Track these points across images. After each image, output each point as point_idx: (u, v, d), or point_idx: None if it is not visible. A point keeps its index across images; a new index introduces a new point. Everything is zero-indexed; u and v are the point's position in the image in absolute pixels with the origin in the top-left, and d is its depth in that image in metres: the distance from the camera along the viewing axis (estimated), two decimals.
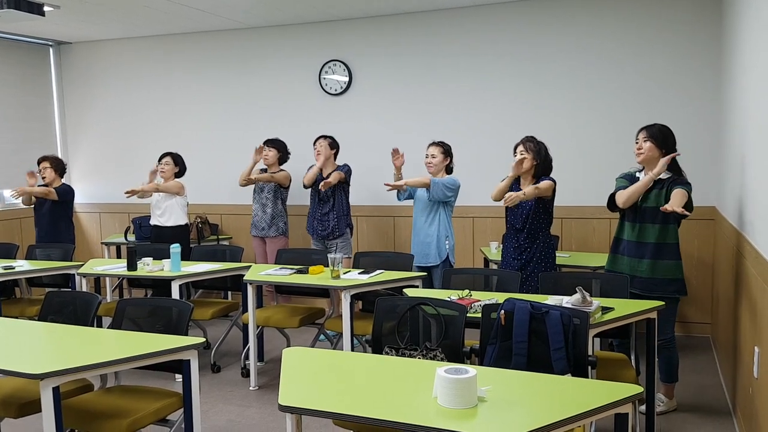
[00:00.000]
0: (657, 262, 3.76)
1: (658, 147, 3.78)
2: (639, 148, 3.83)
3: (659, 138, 3.79)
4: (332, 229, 5.57)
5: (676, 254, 3.78)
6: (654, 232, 3.76)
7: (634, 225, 3.82)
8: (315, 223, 5.66)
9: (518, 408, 2.08)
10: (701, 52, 5.42)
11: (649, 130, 3.83)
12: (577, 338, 2.75)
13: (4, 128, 7.03)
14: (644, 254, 3.79)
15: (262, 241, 6.00)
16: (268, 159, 5.90)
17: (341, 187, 5.61)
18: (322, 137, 5.69)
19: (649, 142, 3.79)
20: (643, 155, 3.81)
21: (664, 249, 3.76)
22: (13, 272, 4.84)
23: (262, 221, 5.92)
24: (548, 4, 5.80)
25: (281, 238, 5.93)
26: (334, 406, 2.13)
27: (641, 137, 3.84)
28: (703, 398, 4.23)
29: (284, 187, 5.93)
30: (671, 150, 3.80)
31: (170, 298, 3.64)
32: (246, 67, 6.85)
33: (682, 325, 5.66)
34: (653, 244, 3.76)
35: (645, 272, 3.78)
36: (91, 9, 5.88)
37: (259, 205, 5.94)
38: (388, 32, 6.32)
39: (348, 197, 5.69)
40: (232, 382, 4.71)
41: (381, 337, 3.13)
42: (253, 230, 5.99)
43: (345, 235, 5.62)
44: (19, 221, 7.08)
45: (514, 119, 5.96)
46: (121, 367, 2.77)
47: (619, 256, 3.92)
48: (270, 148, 5.91)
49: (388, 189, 4.85)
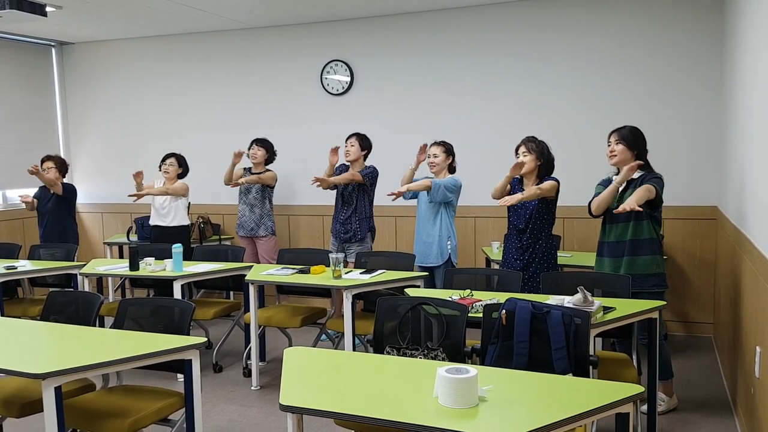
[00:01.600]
0: (634, 259, 3.82)
1: (629, 149, 3.85)
2: (611, 151, 3.90)
3: (630, 140, 3.85)
4: (354, 232, 5.40)
5: (652, 249, 3.82)
6: (628, 230, 3.82)
7: (611, 227, 3.91)
8: (338, 226, 5.48)
9: (519, 408, 2.08)
10: (702, 52, 5.42)
11: (619, 133, 3.89)
12: (579, 338, 2.75)
13: (7, 128, 7.05)
14: (621, 253, 3.86)
15: (250, 241, 6.01)
16: (256, 158, 5.93)
17: (363, 190, 5.41)
18: (353, 135, 5.49)
19: (620, 145, 3.86)
20: (616, 158, 3.88)
21: (639, 245, 3.82)
22: (15, 272, 4.84)
23: (250, 221, 5.93)
24: (550, 4, 5.80)
25: (271, 237, 5.96)
26: (335, 406, 2.13)
27: (612, 140, 3.91)
28: (704, 398, 4.23)
29: (270, 186, 5.97)
30: (642, 151, 3.88)
31: (172, 298, 3.65)
32: (248, 67, 6.85)
33: (683, 325, 5.65)
34: (629, 242, 3.83)
35: (623, 270, 3.84)
36: (93, 9, 5.89)
37: (246, 206, 5.96)
38: (389, 32, 6.32)
39: (371, 200, 5.48)
40: (233, 382, 4.71)
41: (382, 336, 3.13)
42: (240, 230, 6.01)
43: (364, 240, 5.42)
44: (22, 221, 7.09)
45: (516, 119, 5.96)
46: (123, 367, 2.78)
47: (603, 258, 3.98)
48: (259, 147, 5.94)
49: (393, 198, 4.83)
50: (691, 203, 5.52)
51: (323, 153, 6.36)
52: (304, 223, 6.74)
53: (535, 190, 4.07)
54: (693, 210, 5.51)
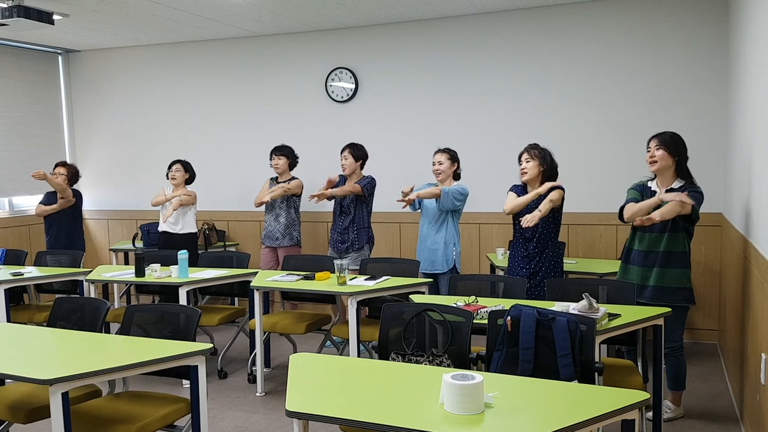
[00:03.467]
0: (665, 271, 3.75)
1: (670, 155, 3.75)
2: (651, 156, 3.79)
3: (671, 145, 3.76)
4: (351, 242, 5.41)
5: (683, 263, 3.76)
6: (662, 240, 3.75)
7: (643, 235, 3.81)
8: (335, 236, 5.50)
9: (525, 414, 2.08)
10: (708, 60, 5.42)
11: (660, 138, 3.79)
12: (584, 345, 2.75)
13: (13, 135, 7.09)
14: (653, 263, 3.78)
15: (273, 250, 5.89)
16: (278, 167, 5.84)
17: (361, 200, 5.40)
18: (346, 148, 5.49)
19: (661, 150, 3.76)
20: (657, 164, 3.77)
21: (672, 257, 3.74)
22: (22, 278, 4.87)
23: (276, 231, 5.81)
24: (554, 13, 5.82)
25: (295, 248, 5.84)
26: (341, 412, 2.14)
27: (653, 145, 3.80)
28: (710, 405, 4.22)
29: (297, 195, 5.85)
30: (683, 157, 3.79)
31: (178, 304, 3.66)
32: (253, 74, 6.88)
33: (689, 332, 5.64)
34: (661, 253, 3.75)
35: (653, 281, 3.77)
36: (100, 17, 5.93)
37: (272, 216, 5.84)
38: (393, 40, 6.35)
39: (369, 210, 5.48)
40: (238, 388, 4.72)
41: (387, 343, 3.13)
42: (267, 241, 5.86)
43: (362, 249, 5.43)
44: (28, 228, 7.12)
45: (520, 126, 5.97)
46: (129, 373, 2.78)
47: (630, 266, 3.90)
48: (279, 157, 5.84)
49: (404, 206, 4.83)
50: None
51: (328, 160, 6.40)
52: (310, 230, 6.75)
53: (548, 204, 4.01)
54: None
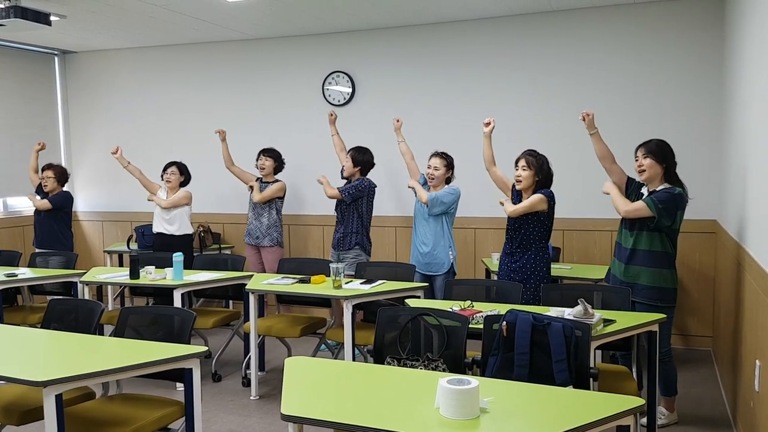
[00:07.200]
0: (628, 267, 3.85)
1: (658, 162, 3.79)
2: (639, 165, 3.83)
3: (658, 153, 3.79)
4: (349, 244, 5.38)
5: (655, 262, 3.79)
6: (630, 238, 3.85)
7: (620, 228, 3.98)
8: (335, 238, 5.51)
9: (520, 419, 2.08)
10: (703, 66, 5.45)
11: (647, 147, 3.83)
12: (579, 350, 2.75)
13: (9, 136, 7.06)
14: (622, 258, 3.90)
15: (256, 249, 6.00)
16: (264, 169, 5.94)
17: (356, 204, 5.36)
18: (351, 150, 5.51)
19: (649, 159, 3.79)
20: (646, 173, 3.81)
21: (636, 255, 3.83)
22: (16, 280, 4.85)
23: (256, 230, 5.92)
24: (551, 19, 5.84)
25: (276, 248, 5.92)
26: (336, 416, 2.13)
27: (640, 154, 3.84)
28: (704, 411, 4.23)
29: (279, 198, 5.95)
30: (671, 163, 3.82)
31: (173, 307, 3.65)
32: (250, 77, 6.88)
33: (682, 338, 5.65)
34: (629, 249, 3.85)
35: (621, 274, 3.89)
36: (97, 19, 5.92)
37: (254, 214, 5.95)
38: (390, 44, 6.36)
39: (365, 214, 5.42)
40: (232, 392, 4.71)
41: (383, 347, 3.13)
42: (247, 238, 6.00)
43: (359, 253, 5.39)
44: (22, 229, 7.09)
45: (515, 131, 5.98)
46: (123, 376, 2.77)
47: (614, 258, 4.04)
48: (266, 158, 5.95)
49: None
50: (690, 217, 5.47)
51: (325, 163, 6.40)
52: (306, 232, 6.75)
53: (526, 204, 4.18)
54: (692, 224, 5.51)
